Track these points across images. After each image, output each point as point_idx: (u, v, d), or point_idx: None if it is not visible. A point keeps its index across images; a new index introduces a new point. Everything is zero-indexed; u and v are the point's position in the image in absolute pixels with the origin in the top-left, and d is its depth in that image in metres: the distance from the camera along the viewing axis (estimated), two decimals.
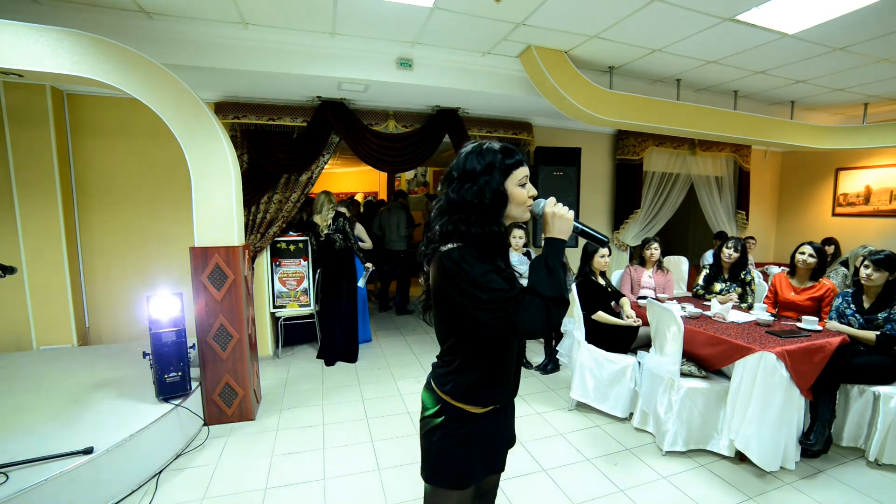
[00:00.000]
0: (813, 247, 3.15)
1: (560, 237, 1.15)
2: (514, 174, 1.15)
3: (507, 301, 1.06)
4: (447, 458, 1.22)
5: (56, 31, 2.37)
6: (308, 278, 4.39)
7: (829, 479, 2.43)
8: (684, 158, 5.56)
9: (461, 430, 1.21)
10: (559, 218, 1.15)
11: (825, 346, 2.52)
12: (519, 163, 1.16)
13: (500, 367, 1.23)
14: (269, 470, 2.50)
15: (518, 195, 1.16)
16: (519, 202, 1.16)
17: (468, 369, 1.20)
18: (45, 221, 3.52)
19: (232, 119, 3.85)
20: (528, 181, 1.18)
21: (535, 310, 1.07)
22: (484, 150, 1.16)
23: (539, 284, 1.10)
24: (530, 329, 1.09)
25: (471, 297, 1.07)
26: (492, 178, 1.13)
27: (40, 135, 3.45)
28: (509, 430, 1.37)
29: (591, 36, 3.20)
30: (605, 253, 3.36)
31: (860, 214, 5.78)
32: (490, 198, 1.12)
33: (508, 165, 1.15)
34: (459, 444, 1.21)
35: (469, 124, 4.50)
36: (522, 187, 1.16)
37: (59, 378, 2.99)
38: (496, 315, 1.07)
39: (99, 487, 2.12)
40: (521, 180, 1.16)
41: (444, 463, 1.23)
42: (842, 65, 3.73)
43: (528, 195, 1.17)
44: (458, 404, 1.21)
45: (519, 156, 1.17)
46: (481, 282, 1.07)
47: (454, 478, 1.23)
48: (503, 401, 1.27)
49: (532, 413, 3.21)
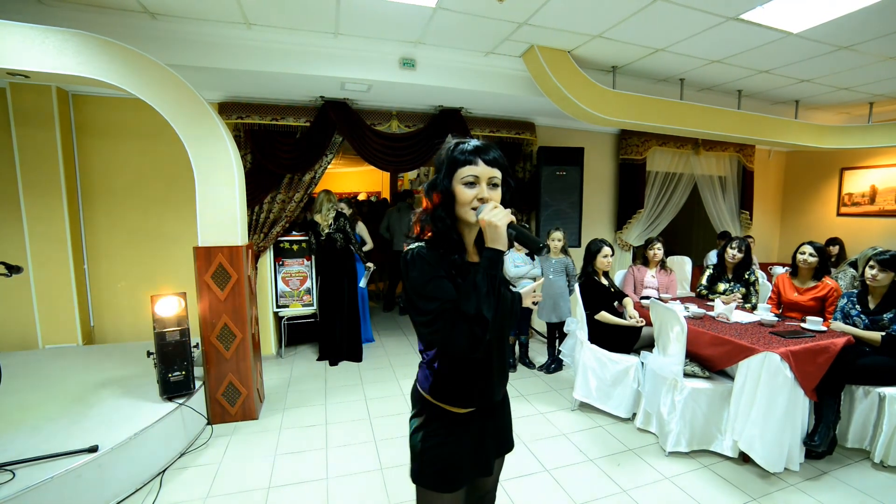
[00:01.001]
0: (813, 246, 3.13)
1: (494, 247, 1.05)
2: (458, 172, 1.09)
3: (442, 314, 1.02)
4: (430, 458, 1.21)
5: (62, 32, 2.39)
6: (311, 278, 4.40)
7: (834, 481, 2.42)
8: (688, 158, 5.55)
9: (442, 429, 1.20)
10: (490, 226, 1.05)
11: (830, 347, 2.50)
12: (465, 161, 1.09)
13: (476, 367, 1.19)
14: (272, 469, 2.51)
15: (461, 195, 1.09)
16: (462, 202, 1.10)
17: (446, 368, 1.18)
18: (51, 221, 3.54)
19: (235, 119, 3.86)
20: (481, 182, 1.09)
21: (458, 328, 1.01)
22: (445, 147, 1.14)
23: (462, 300, 1.03)
24: (456, 349, 1.04)
25: (412, 304, 1.05)
26: (441, 176, 1.12)
27: (46, 135, 3.47)
28: (501, 435, 1.33)
29: (594, 35, 3.20)
30: (608, 253, 3.35)
31: (865, 214, 5.74)
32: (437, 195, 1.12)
33: (452, 162, 1.10)
34: (442, 445, 1.20)
35: (472, 124, 4.50)
36: (468, 186, 1.09)
37: (64, 377, 3.01)
38: (429, 329, 1.04)
39: (104, 485, 2.14)
40: (466, 178, 1.08)
41: (427, 463, 1.21)
42: (846, 64, 3.71)
43: (475, 196, 1.08)
44: (438, 403, 1.20)
45: (467, 153, 1.09)
46: (423, 290, 1.04)
47: (438, 479, 1.20)
48: (484, 403, 1.23)
49: (535, 413, 3.21)
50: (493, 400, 1.26)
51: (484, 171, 1.10)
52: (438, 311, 1.02)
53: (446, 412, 1.20)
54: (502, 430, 1.34)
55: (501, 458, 1.41)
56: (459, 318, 1.01)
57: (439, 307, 1.02)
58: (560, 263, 3.94)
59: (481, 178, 1.10)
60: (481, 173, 1.10)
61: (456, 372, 1.18)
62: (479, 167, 1.10)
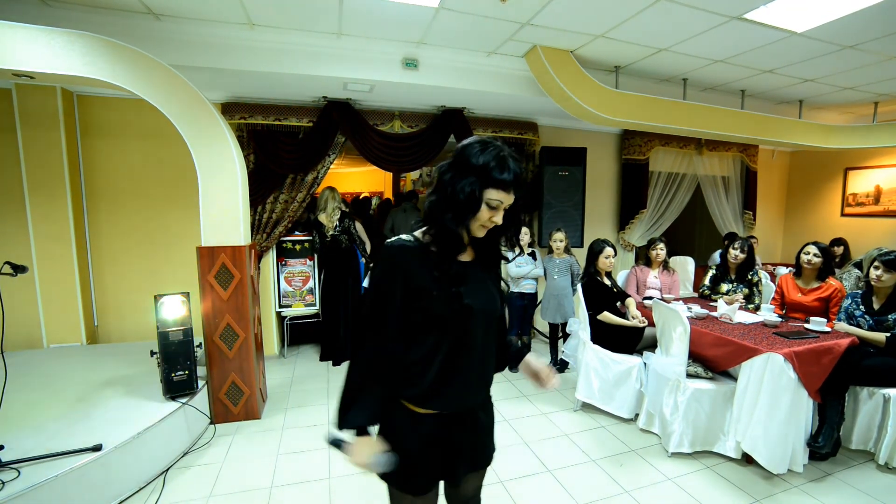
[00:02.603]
0: (818, 247, 3.12)
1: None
2: (489, 191, 1.07)
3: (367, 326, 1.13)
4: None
5: (68, 33, 2.40)
6: (314, 278, 4.41)
7: (838, 483, 2.41)
8: (691, 158, 5.52)
9: (401, 426, 1.17)
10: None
11: (834, 348, 2.49)
12: (501, 185, 1.07)
13: (444, 369, 1.14)
14: (275, 468, 2.52)
15: (481, 212, 1.09)
16: (480, 220, 1.10)
17: (410, 362, 1.16)
18: (55, 221, 3.56)
19: (238, 119, 3.87)
20: (500, 209, 1.10)
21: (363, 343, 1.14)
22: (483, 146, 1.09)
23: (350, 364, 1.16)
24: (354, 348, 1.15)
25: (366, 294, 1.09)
26: (471, 178, 1.07)
27: (51, 136, 3.49)
28: (476, 447, 1.26)
29: (596, 35, 3.19)
30: (611, 253, 3.34)
31: (870, 215, 5.70)
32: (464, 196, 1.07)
33: (490, 176, 1.06)
34: (398, 441, 1.17)
35: (475, 124, 4.50)
36: (490, 208, 1.09)
37: (68, 376, 3.03)
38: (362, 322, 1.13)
39: (108, 484, 2.15)
40: (493, 202, 1.08)
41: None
42: (851, 63, 3.69)
43: (490, 218, 1.10)
44: (400, 399, 1.18)
45: (506, 181, 1.07)
46: (371, 291, 1.13)
47: (398, 477, 1.18)
48: (446, 408, 1.17)
49: (537, 413, 3.21)
50: (458, 407, 1.19)
51: (508, 200, 1.11)
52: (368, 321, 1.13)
53: (407, 409, 1.17)
54: (478, 444, 1.27)
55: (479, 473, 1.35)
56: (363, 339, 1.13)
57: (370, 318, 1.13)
58: (564, 263, 3.94)
59: (504, 204, 1.11)
60: (507, 201, 1.11)
61: (427, 367, 1.15)
62: (509, 196, 1.10)
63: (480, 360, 1.21)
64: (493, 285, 1.24)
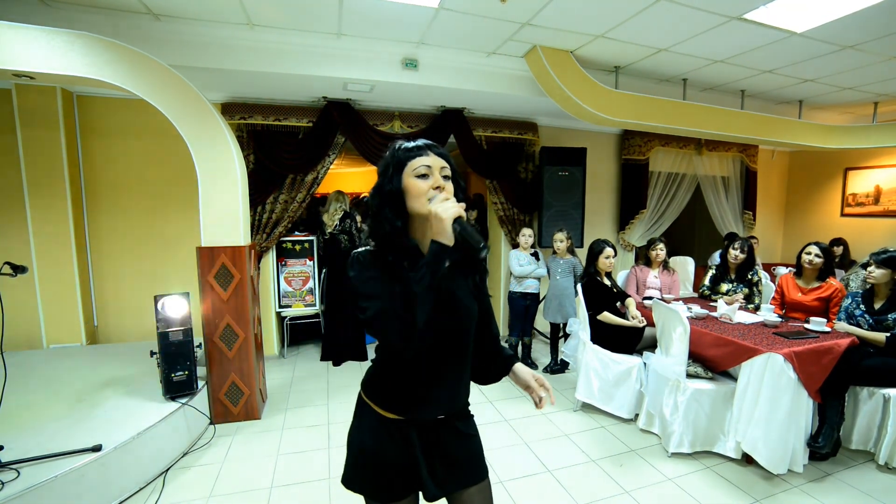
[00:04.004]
0: (819, 247, 3.12)
1: (439, 240, 0.98)
2: (409, 165, 1.06)
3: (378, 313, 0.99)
4: (353, 460, 1.16)
5: (68, 33, 2.41)
6: (314, 278, 4.41)
7: (838, 483, 2.41)
8: (690, 158, 5.53)
9: (368, 430, 1.14)
10: (436, 218, 0.98)
11: (834, 348, 2.49)
12: (416, 154, 1.06)
13: (416, 372, 1.10)
14: (275, 469, 2.52)
15: (414, 187, 1.05)
16: (416, 194, 1.05)
17: (381, 365, 1.16)
18: (55, 222, 3.56)
19: (238, 119, 3.87)
20: (434, 172, 1.06)
21: (391, 325, 0.98)
22: (389, 151, 1.10)
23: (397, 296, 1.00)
24: (390, 343, 1.01)
25: (355, 304, 1.03)
26: (388, 177, 1.07)
27: (51, 136, 3.49)
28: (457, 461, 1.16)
29: (596, 36, 3.19)
30: (611, 254, 3.34)
31: (870, 215, 5.71)
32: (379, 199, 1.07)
33: (401, 159, 1.07)
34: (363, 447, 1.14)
35: (474, 124, 4.50)
36: (421, 178, 1.05)
37: (68, 376, 3.02)
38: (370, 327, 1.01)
39: (107, 484, 2.15)
40: (418, 170, 1.05)
41: (350, 465, 1.16)
42: (851, 63, 3.69)
43: (430, 186, 1.05)
44: (367, 401, 1.16)
45: (415, 147, 1.08)
46: (361, 290, 1.03)
47: (365, 486, 1.14)
48: (420, 414, 1.12)
49: (537, 413, 3.21)
50: (431, 414, 1.13)
51: (436, 161, 1.07)
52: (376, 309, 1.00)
53: (374, 412, 1.14)
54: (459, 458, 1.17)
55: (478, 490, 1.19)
56: (393, 315, 0.98)
57: (379, 305, 1.00)
58: (568, 264, 3.94)
59: (434, 167, 1.06)
60: (434, 163, 1.07)
61: (391, 371, 1.12)
62: (430, 157, 1.07)
63: (451, 370, 1.14)
64: (467, 294, 1.15)
